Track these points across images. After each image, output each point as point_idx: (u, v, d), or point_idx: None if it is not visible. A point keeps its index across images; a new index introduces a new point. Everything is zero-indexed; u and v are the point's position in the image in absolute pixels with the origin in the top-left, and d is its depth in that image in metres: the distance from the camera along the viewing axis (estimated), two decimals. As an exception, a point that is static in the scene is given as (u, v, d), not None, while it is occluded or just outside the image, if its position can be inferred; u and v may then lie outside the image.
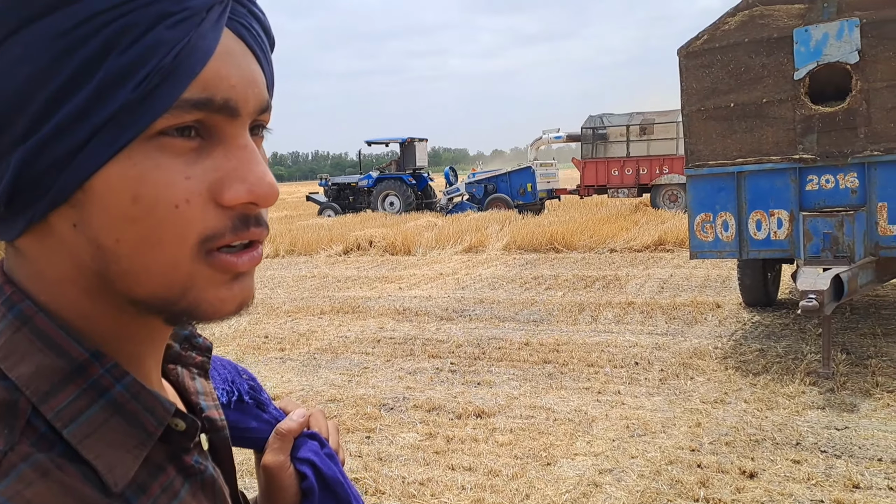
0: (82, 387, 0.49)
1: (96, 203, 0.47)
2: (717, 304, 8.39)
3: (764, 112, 6.62)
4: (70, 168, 0.45)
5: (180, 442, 0.54)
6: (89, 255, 0.48)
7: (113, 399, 0.50)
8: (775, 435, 4.58)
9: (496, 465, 4.30)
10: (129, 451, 0.50)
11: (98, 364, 0.50)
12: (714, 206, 6.87)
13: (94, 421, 0.48)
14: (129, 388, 0.51)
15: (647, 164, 19.93)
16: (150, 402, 0.52)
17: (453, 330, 7.90)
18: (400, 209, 22.95)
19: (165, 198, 0.47)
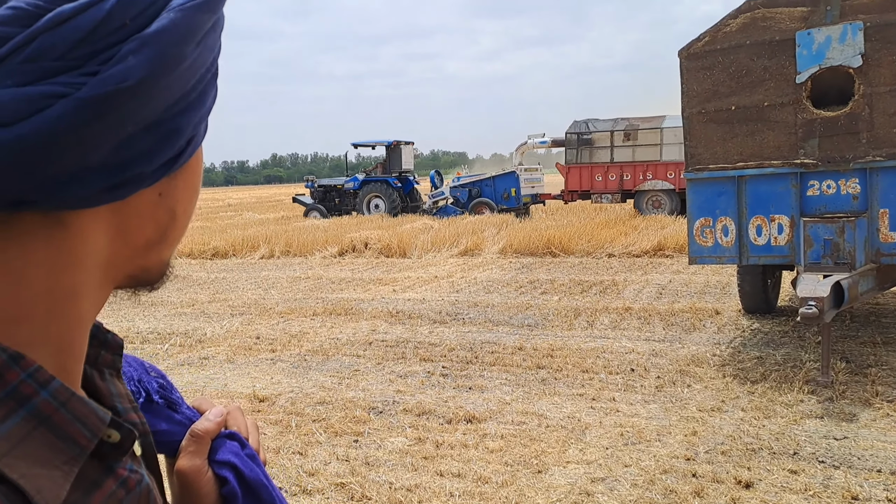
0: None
1: (186, 170, 0.51)
2: (716, 311, 8.27)
3: (765, 115, 6.51)
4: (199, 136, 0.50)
5: (113, 455, 0.48)
6: (159, 224, 0.50)
7: (36, 409, 0.43)
8: (772, 444, 4.46)
9: (486, 472, 4.18)
10: (58, 468, 0.43)
11: (17, 368, 0.43)
12: (714, 210, 6.76)
13: (14, 434, 0.42)
14: (56, 395, 0.44)
15: (630, 169, 20.06)
16: (82, 410, 0.45)
17: (446, 333, 7.78)
18: (385, 212, 23.04)
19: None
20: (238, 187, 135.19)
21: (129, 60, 0.41)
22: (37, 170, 0.40)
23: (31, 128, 0.39)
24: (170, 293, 11.27)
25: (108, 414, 0.47)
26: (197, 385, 6.18)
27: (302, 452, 4.60)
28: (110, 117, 0.41)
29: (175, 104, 0.45)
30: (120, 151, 0.43)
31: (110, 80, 0.40)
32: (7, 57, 0.39)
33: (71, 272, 0.45)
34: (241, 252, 15.86)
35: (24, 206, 0.41)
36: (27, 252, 0.43)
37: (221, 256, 15.80)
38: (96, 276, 0.47)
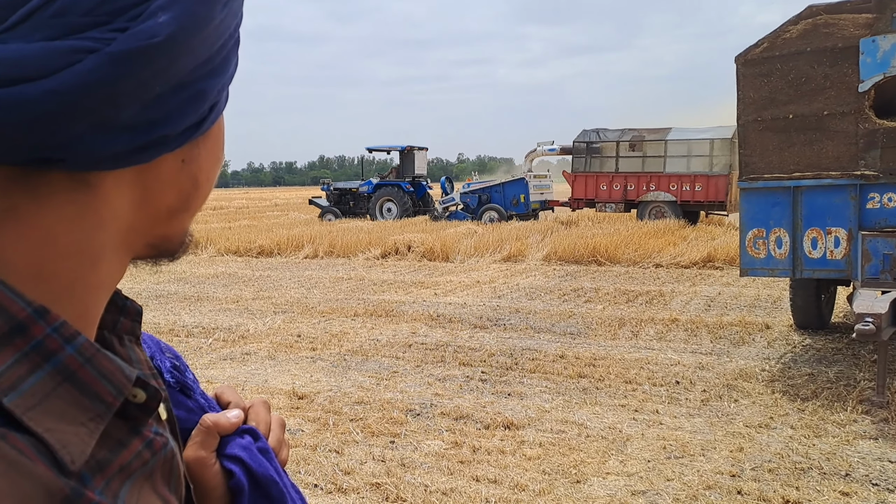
0: (22, 350, 0.41)
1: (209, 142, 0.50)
2: (766, 325, 8.03)
3: (825, 125, 6.29)
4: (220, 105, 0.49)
5: (138, 416, 0.47)
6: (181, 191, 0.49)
7: (62, 364, 0.42)
8: (823, 464, 4.28)
9: (523, 480, 4.10)
10: (84, 425, 0.42)
11: (42, 322, 0.42)
12: (768, 221, 6.55)
13: (39, 390, 0.41)
14: (82, 351, 0.43)
15: (634, 180, 20.29)
16: (108, 367, 0.44)
17: (486, 338, 7.70)
18: (397, 216, 23.38)
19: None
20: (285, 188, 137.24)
21: (158, 16, 0.41)
22: (64, 126, 0.40)
23: (60, 82, 0.38)
24: (215, 289, 11.44)
25: (135, 372, 0.46)
26: (238, 380, 6.22)
27: (338, 451, 4.58)
28: (139, 74, 0.41)
29: (201, 66, 0.45)
30: (147, 111, 0.43)
31: (140, 35, 0.40)
32: (35, 11, 0.39)
33: (95, 234, 0.45)
34: (285, 251, 16.03)
35: (51, 165, 0.41)
36: (54, 210, 0.43)
37: (266, 255, 15.99)
38: (118, 240, 0.47)
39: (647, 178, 20.10)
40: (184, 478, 0.55)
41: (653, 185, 20.04)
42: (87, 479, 0.42)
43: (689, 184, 19.65)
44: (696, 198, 19.69)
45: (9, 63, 0.38)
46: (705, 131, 20.08)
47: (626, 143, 20.59)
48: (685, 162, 19.85)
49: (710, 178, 19.46)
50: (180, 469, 0.54)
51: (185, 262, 15.16)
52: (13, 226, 0.42)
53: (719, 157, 19.48)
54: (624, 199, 20.47)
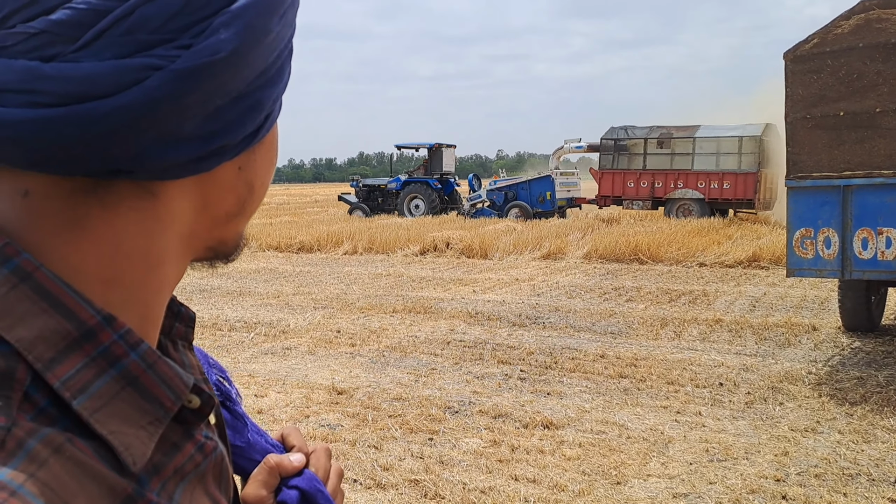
0: (91, 355, 0.43)
1: (264, 145, 0.51)
2: (813, 327, 7.84)
3: (877, 122, 6.11)
4: (275, 114, 0.51)
5: (192, 421, 0.49)
6: (237, 197, 0.51)
7: (126, 369, 0.44)
8: (871, 470, 4.16)
9: (562, 480, 4.07)
10: (144, 428, 0.44)
11: (110, 329, 0.44)
12: (816, 221, 6.39)
13: (105, 393, 0.43)
14: (145, 357, 0.45)
15: (662, 177, 20.27)
16: (167, 373, 0.46)
17: (525, 337, 7.66)
18: (424, 212, 23.63)
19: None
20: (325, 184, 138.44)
21: (220, 33, 0.42)
22: (133, 140, 0.42)
23: (129, 99, 0.40)
24: (257, 284, 11.60)
25: (192, 378, 0.48)
26: (279, 374, 6.30)
27: (377, 447, 4.60)
28: (203, 89, 0.42)
29: (258, 77, 0.46)
30: (209, 123, 0.44)
31: (204, 52, 0.42)
32: (107, 29, 0.40)
33: (158, 240, 0.47)
34: (325, 247, 16.17)
35: (118, 175, 0.43)
36: (120, 219, 0.45)
37: (307, 251, 16.16)
38: (179, 244, 0.49)
39: (675, 175, 20.07)
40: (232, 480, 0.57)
41: (680, 182, 20.02)
42: (145, 481, 0.44)
43: (717, 181, 19.53)
44: (725, 195, 19.55)
45: (83, 81, 0.40)
46: (734, 129, 19.86)
47: (653, 140, 20.56)
48: (713, 159, 19.73)
49: (738, 175, 19.29)
50: (229, 471, 0.56)
51: (228, 257, 15.42)
52: (83, 234, 0.44)
53: (748, 155, 19.30)
54: (651, 196, 20.49)
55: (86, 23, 0.40)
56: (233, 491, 0.58)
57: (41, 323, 0.42)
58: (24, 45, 0.40)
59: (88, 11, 0.40)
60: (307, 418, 5.16)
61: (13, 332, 0.42)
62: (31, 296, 0.43)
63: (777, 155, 19.90)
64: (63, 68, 0.40)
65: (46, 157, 0.41)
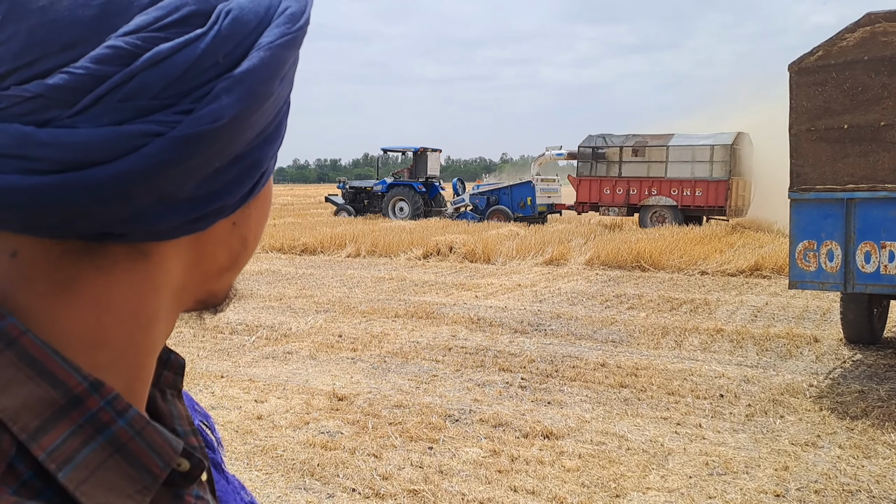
0: (77, 422, 0.42)
1: (258, 203, 0.51)
2: (815, 338, 7.83)
3: (881, 136, 6.11)
4: (270, 169, 0.50)
5: (182, 484, 0.48)
6: (231, 251, 0.51)
7: (114, 436, 0.43)
8: (872, 487, 4.16)
9: (561, 492, 4.07)
10: (131, 497, 0.43)
11: (97, 395, 0.43)
12: (819, 233, 6.39)
13: (91, 462, 0.42)
14: (133, 423, 0.44)
15: (637, 184, 20.93)
16: (156, 440, 0.45)
17: (527, 344, 7.67)
18: (409, 215, 24.17)
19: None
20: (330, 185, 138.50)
21: (222, 99, 0.41)
22: (129, 205, 0.41)
23: (128, 166, 0.39)
24: (259, 286, 11.61)
25: (181, 443, 0.47)
26: (280, 379, 6.31)
27: (377, 455, 4.61)
28: (202, 154, 0.42)
29: (257, 137, 0.46)
30: (206, 185, 0.44)
31: (205, 118, 0.41)
32: (105, 95, 0.39)
33: (150, 300, 0.46)
34: (328, 249, 16.19)
35: (110, 238, 0.42)
36: (111, 281, 0.44)
37: (310, 253, 16.18)
38: (170, 301, 0.48)
39: (650, 182, 20.76)
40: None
41: (654, 189, 20.68)
42: None
43: (689, 189, 20.21)
44: (697, 202, 20.21)
45: (80, 148, 0.39)
46: (706, 137, 20.52)
47: (629, 148, 21.19)
48: (686, 167, 20.35)
49: (710, 182, 19.97)
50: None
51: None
52: (73, 297, 0.43)
53: (719, 163, 19.93)
54: (626, 203, 21.11)
55: (83, 88, 0.39)
56: None
57: (26, 391, 0.41)
58: (18, 108, 0.38)
59: (86, 77, 0.39)
60: (307, 425, 5.16)
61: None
62: (16, 362, 0.42)
63: (748, 163, 20.63)
64: (59, 134, 0.38)
65: (38, 222, 0.40)
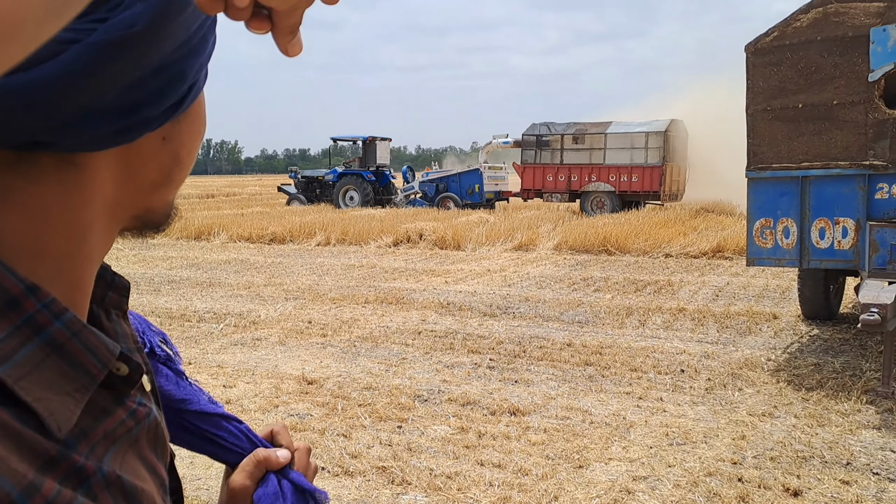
0: (15, 323, 0.43)
1: (189, 119, 0.52)
2: (773, 315, 8.04)
3: (834, 114, 6.28)
4: (199, 83, 0.51)
5: (122, 387, 0.50)
6: (162, 167, 0.52)
7: (51, 337, 0.45)
8: (825, 453, 4.32)
9: (526, 464, 4.17)
10: (70, 395, 0.45)
11: (34, 298, 0.44)
12: (775, 211, 6.56)
13: (30, 361, 0.43)
14: (69, 325, 0.46)
15: (577, 171, 21.72)
16: (93, 342, 0.47)
17: (495, 326, 7.77)
18: (359, 203, 24.57)
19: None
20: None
21: (136, 7, 0.43)
22: (51, 112, 0.42)
23: (45, 73, 0.40)
24: (227, 275, 11.56)
25: (118, 347, 0.49)
26: (248, 365, 6.32)
27: (346, 435, 4.66)
28: (120, 61, 0.43)
29: (179, 48, 0.46)
30: (129, 94, 0.45)
31: (119, 25, 0.42)
32: None
33: (83, 211, 0.48)
34: (298, 238, 16.13)
35: (40, 147, 0.44)
36: (44, 191, 0.45)
37: (279, 242, 16.11)
38: (105, 214, 0.50)
39: (589, 169, 21.51)
40: (168, 445, 0.59)
41: (594, 176, 21.45)
42: (73, 444, 0.45)
43: (626, 175, 20.99)
44: (633, 188, 21.02)
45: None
46: (642, 125, 21.36)
47: (570, 136, 21.89)
48: (622, 154, 21.09)
49: (644, 168, 20.77)
50: (165, 436, 0.58)
51: (198, 248, 15.32)
52: (7, 207, 0.44)
53: (653, 150, 20.71)
54: (568, 189, 21.82)
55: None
56: (169, 456, 0.60)
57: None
58: None
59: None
60: (276, 408, 5.20)
61: None
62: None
63: (682, 149, 21.62)
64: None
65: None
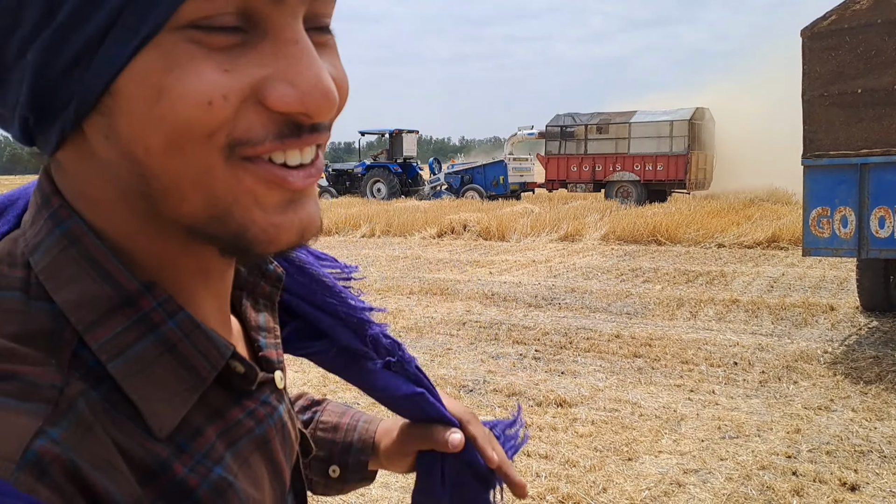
0: (132, 319, 0.44)
1: (123, 106, 0.40)
2: (830, 307, 7.80)
3: (895, 99, 6.04)
4: (92, 66, 0.40)
5: (240, 385, 0.50)
6: (126, 170, 0.42)
7: (164, 336, 0.45)
8: (884, 447, 4.17)
9: (574, 456, 4.12)
10: (178, 395, 0.45)
11: (150, 297, 0.45)
12: (833, 199, 6.35)
13: (142, 358, 0.44)
14: (182, 325, 0.46)
15: (602, 161, 21.58)
16: (204, 343, 0.47)
17: (541, 317, 7.71)
18: (386, 196, 24.90)
19: (197, 91, 0.40)
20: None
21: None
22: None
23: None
24: (276, 267, 11.70)
25: (231, 348, 0.48)
26: (296, 354, 6.39)
27: (392, 424, 4.68)
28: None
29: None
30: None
31: None
32: None
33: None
34: (343, 230, 16.28)
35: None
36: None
37: (325, 234, 16.26)
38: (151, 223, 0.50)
39: (614, 158, 21.45)
40: (294, 445, 0.59)
41: (618, 165, 21.39)
42: (185, 445, 0.45)
43: (651, 164, 20.89)
44: (658, 177, 20.90)
45: None
46: (666, 113, 21.24)
47: (594, 125, 21.88)
48: (647, 143, 20.98)
49: (670, 157, 20.61)
50: (292, 437, 0.58)
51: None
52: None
53: (679, 138, 20.56)
54: (593, 179, 21.82)
55: None
56: (296, 457, 0.60)
57: (85, 287, 0.43)
58: None
59: None
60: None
61: (59, 294, 0.43)
62: (78, 260, 0.44)
63: (708, 137, 21.37)
64: None
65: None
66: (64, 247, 0.44)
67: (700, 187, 21.46)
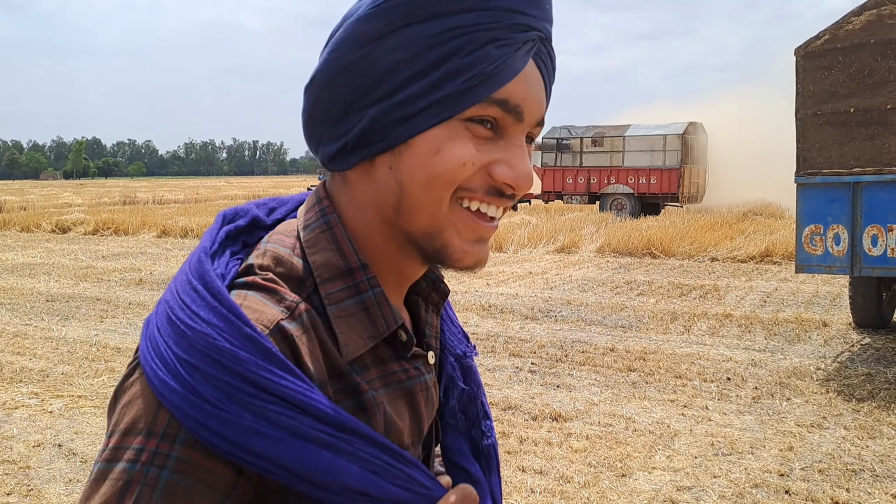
0: (349, 283, 0.68)
1: (411, 153, 0.65)
2: (823, 323, 7.87)
3: (888, 119, 6.12)
4: (404, 127, 0.64)
5: (401, 349, 0.71)
6: (392, 190, 0.66)
7: (364, 299, 0.68)
8: (876, 466, 4.22)
9: (568, 472, 4.16)
10: (363, 338, 0.67)
11: (363, 272, 0.68)
12: (826, 217, 6.42)
13: (348, 309, 0.67)
14: (377, 296, 0.68)
15: (596, 173, 22.14)
16: (387, 311, 0.69)
17: (537, 330, 7.75)
18: None
19: (460, 156, 0.65)
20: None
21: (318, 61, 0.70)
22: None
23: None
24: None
25: (401, 321, 0.70)
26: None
27: (388, 438, 4.70)
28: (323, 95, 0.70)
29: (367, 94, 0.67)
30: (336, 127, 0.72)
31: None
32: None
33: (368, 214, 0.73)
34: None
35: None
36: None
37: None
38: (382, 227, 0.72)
39: (608, 171, 21.94)
40: (436, 408, 0.78)
41: (613, 178, 21.85)
42: (358, 370, 0.67)
43: (644, 177, 21.31)
44: (652, 190, 21.30)
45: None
46: (660, 127, 21.62)
47: (589, 138, 22.32)
48: (641, 156, 21.38)
49: (663, 171, 21.02)
50: (434, 401, 0.77)
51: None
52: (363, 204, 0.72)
53: (672, 152, 20.93)
54: (587, 191, 22.30)
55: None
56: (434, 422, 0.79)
57: (327, 256, 0.68)
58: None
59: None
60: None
61: (313, 257, 0.68)
62: (329, 239, 0.69)
63: (701, 151, 21.73)
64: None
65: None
66: (323, 229, 0.69)
67: (693, 201, 21.81)
